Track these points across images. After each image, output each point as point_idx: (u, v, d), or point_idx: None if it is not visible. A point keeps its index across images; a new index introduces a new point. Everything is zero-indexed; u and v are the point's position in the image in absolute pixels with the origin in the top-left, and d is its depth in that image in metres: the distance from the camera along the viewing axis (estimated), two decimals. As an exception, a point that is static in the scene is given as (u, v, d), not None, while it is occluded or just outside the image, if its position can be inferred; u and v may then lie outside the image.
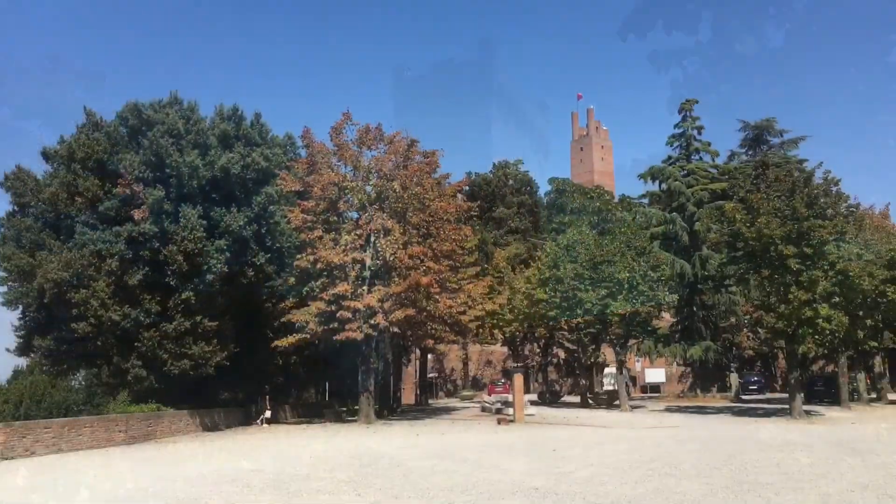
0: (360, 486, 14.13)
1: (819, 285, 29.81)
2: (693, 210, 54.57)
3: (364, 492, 13.55)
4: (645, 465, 16.44)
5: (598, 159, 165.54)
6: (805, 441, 21.30)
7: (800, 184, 32.24)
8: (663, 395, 56.82)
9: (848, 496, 12.04)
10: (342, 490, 13.76)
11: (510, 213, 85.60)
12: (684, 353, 52.58)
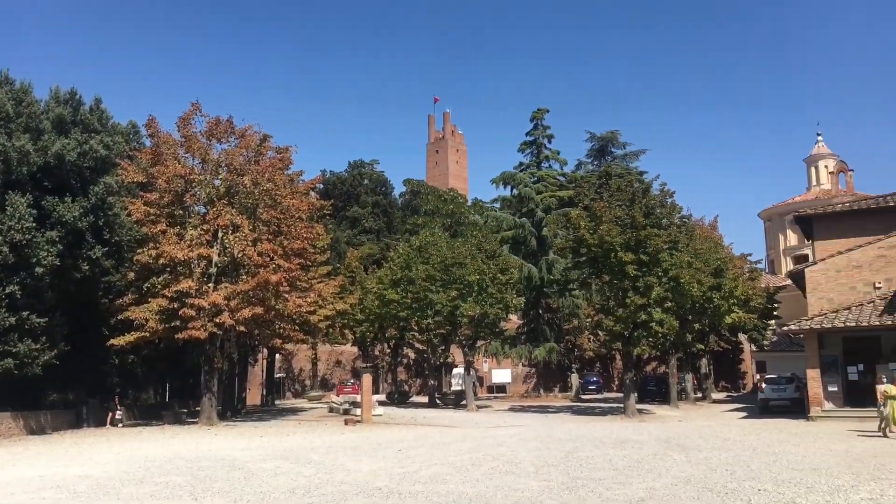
0: (198, 490, 13.59)
1: (654, 291, 31.58)
2: (541, 216, 56.52)
3: (201, 496, 13.04)
4: (487, 463, 16.79)
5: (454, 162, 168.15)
6: (637, 438, 22.47)
7: (639, 194, 34.04)
8: (509, 395, 58.38)
9: (672, 489, 12.78)
10: (178, 494, 13.18)
11: (364, 212, 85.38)
12: (530, 354, 54.34)
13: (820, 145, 73.80)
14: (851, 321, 27.89)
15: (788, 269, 53.87)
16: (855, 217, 34.99)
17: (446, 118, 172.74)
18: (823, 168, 70.91)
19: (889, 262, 29.78)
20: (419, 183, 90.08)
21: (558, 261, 48.57)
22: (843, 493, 12.01)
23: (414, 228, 59.92)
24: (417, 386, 62.68)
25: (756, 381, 46.51)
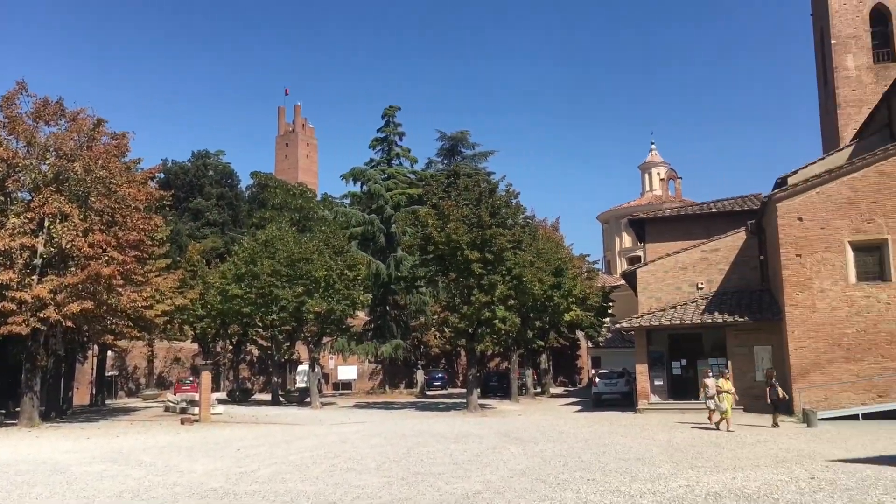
0: (14, 497, 12.62)
1: (497, 289, 32.41)
2: (391, 213, 56.67)
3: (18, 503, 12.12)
4: (329, 460, 16.63)
5: (304, 157, 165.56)
6: (477, 432, 22.99)
7: (486, 194, 34.82)
8: (355, 391, 58.19)
9: (507, 482, 13.15)
10: (-12, 503, 12.18)
11: (209, 205, 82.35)
12: (376, 350, 54.36)
13: (653, 153, 78.39)
14: (676, 319, 29.79)
15: (623, 269, 56.85)
16: (682, 222, 37.47)
17: (297, 111, 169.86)
18: (656, 175, 75.37)
19: (710, 264, 32.04)
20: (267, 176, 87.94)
21: (406, 258, 48.85)
22: (663, 481, 12.79)
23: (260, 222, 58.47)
24: (261, 384, 61.24)
25: (591, 375, 48.77)
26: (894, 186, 25.38)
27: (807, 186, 26.52)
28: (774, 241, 27.46)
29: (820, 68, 47.17)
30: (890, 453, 15.87)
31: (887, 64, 41.17)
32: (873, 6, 42.63)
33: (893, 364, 24.65)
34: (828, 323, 25.56)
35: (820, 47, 46.55)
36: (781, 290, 26.61)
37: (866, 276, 25.69)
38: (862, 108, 40.23)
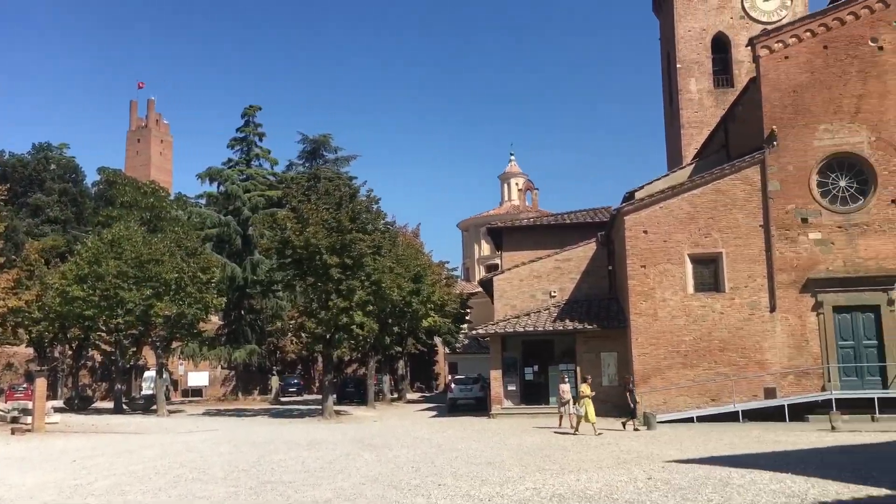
0: None
1: (356, 294, 32.20)
2: (248, 215, 55.18)
3: None
4: (174, 470, 15.93)
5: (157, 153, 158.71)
6: (331, 439, 22.71)
7: (346, 199, 34.56)
8: (205, 398, 56.12)
9: (359, 488, 13.05)
10: None
11: (50, 200, 77.21)
12: (229, 356, 52.70)
13: (512, 164, 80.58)
14: (530, 326, 30.66)
15: (481, 276, 57.98)
16: (537, 232, 38.64)
17: (151, 106, 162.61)
18: (515, 185, 77.50)
19: (563, 273, 33.19)
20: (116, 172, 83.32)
21: (263, 261, 47.73)
22: (511, 484, 13.07)
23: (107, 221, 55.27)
24: (103, 391, 57.93)
25: (447, 381, 49.36)
26: (729, 204, 27.21)
27: (652, 201, 28.00)
28: (622, 253, 28.80)
29: (666, 90, 50.01)
30: (720, 454, 16.95)
31: (726, 89, 44.13)
32: (715, 34, 45.65)
33: (725, 370, 26.40)
34: (668, 331, 27.06)
35: (667, 70, 49.35)
36: (627, 299, 27.95)
37: (703, 287, 27.39)
38: (703, 129, 42.94)
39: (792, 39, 27.34)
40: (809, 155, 26.79)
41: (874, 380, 25.70)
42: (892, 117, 26.37)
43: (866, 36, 26.87)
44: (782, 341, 26.33)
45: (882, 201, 26.24)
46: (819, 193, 26.76)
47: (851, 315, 26.17)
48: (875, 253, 26.05)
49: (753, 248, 26.88)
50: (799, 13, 42.20)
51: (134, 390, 52.51)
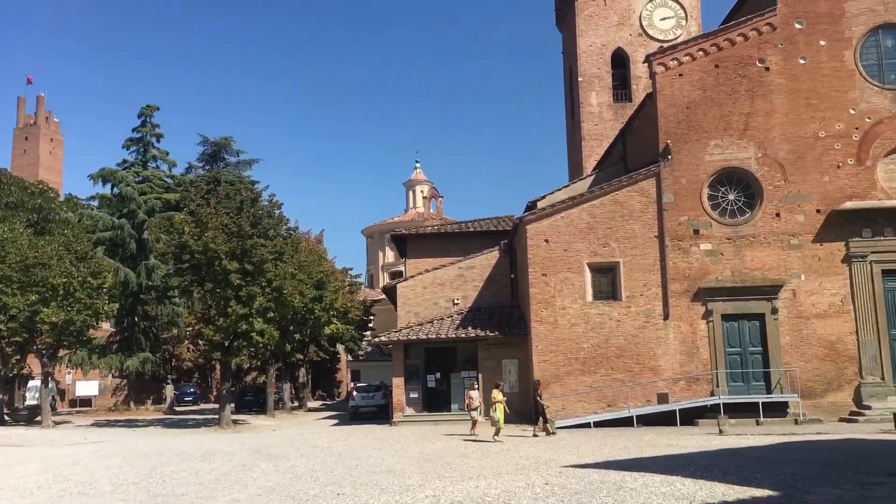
0: None
1: (256, 301, 31.55)
2: (144, 218, 53.27)
3: None
4: (58, 485, 15.14)
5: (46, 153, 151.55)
6: (228, 449, 22.11)
7: (248, 203, 33.87)
8: (95, 408, 53.75)
9: (256, 500, 12.72)
10: None
11: (-73, 199, 72.58)
12: (121, 364, 50.67)
13: (418, 172, 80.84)
14: (433, 333, 30.74)
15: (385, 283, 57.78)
16: (441, 239, 38.84)
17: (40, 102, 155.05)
18: (419, 193, 77.75)
19: (466, 281, 33.44)
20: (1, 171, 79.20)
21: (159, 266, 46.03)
22: (411, 493, 13.01)
23: (-10, 222, 52.39)
24: (-17, 402, 54.68)
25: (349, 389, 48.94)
26: (626, 215, 28.04)
27: (553, 211, 28.56)
28: (524, 261, 29.25)
29: (568, 102, 51.20)
30: (615, 458, 17.37)
31: (624, 104, 45.52)
32: (615, 50, 47.05)
33: (621, 376, 27.14)
34: (567, 338, 27.62)
35: (569, 83, 50.53)
36: (528, 307, 28.37)
37: (601, 296, 28.10)
38: (603, 141, 44.16)
39: (686, 58, 28.44)
40: (701, 169, 27.90)
41: (759, 385, 26.93)
42: (777, 135, 27.76)
43: (754, 57, 28.22)
44: (675, 348, 27.28)
45: (767, 214, 27.57)
46: (710, 206, 27.88)
47: (738, 323, 27.35)
48: (760, 264, 27.33)
49: (649, 257, 27.76)
50: (693, 32, 43.99)
51: (17, 400, 49.76)
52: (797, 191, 27.49)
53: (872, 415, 24.90)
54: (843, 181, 27.39)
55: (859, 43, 27.95)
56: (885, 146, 27.44)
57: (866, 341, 26.54)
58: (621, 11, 47.23)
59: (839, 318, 26.86)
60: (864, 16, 27.98)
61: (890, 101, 27.58)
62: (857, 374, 26.49)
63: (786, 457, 16.78)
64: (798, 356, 26.77)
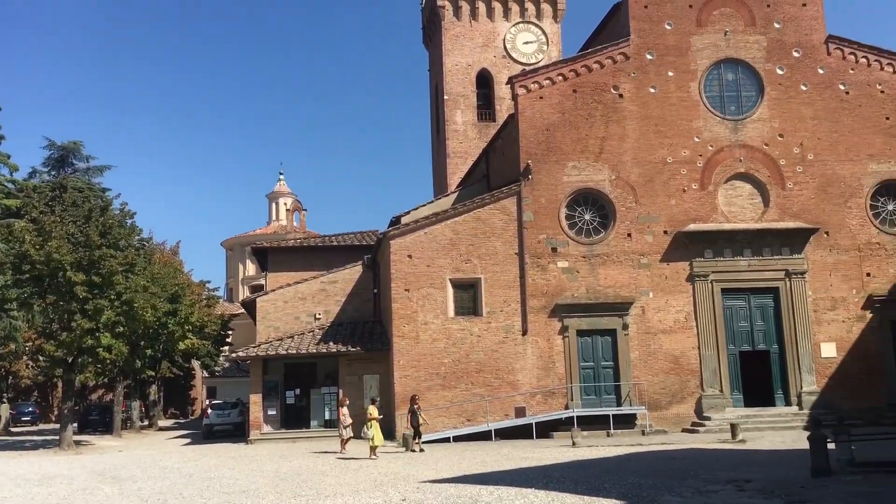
0: None
1: (104, 314, 29.82)
2: (-20, 225, 49.46)
3: None
4: None
5: None
6: (69, 472, 20.74)
7: (97, 211, 32.03)
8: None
9: (94, 527, 11.95)
10: None
11: None
12: (-50, 383, 46.65)
13: (281, 184, 79.37)
14: (293, 348, 30.12)
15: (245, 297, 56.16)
16: (304, 253, 38.30)
17: None
18: (283, 205, 76.28)
19: (329, 295, 33.06)
20: None
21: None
22: (264, 513, 12.61)
23: None
24: None
25: (204, 406, 47.16)
26: (488, 232, 28.58)
27: (417, 226, 28.73)
28: (387, 276, 29.23)
29: (434, 120, 51.86)
30: (472, 472, 17.56)
31: (488, 123, 46.61)
32: (480, 70, 48.11)
33: (480, 390, 27.54)
34: (429, 353, 27.77)
35: (435, 101, 51.21)
36: (391, 322, 28.34)
37: (463, 311, 28.45)
38: (467, 159, 44.97)
39: (546, 81, 29.42)
40: (560, 189, 28.87)
41: (610, 398, 28.02)
42: (629, 159, 29.14)
43: (609, 83, 29.56)
44: (532, 363, 27.98)
45: (620, 234, 28.84)
46: (567, 225, 28.87)
47: (592, 338, 28.41)
48: (613, 281, 28.53)
49: (509, 274, 28.39)
50: (554, 57, 45.66)
51: None
52: (647, 212, 28.94)
53: (712, 425, 26.44)
54: (688, 204, 29.08)
55: (703, 75, 29.85)
56: (725, 173, 29.35)
57: (707, 356, 28.19)
58: (486, 33, 48.41)
59: (683, 334, 28.41)
60: (708, 50, 29.93)
61: (730, 131, 29.57)
62: (699, 387, 28.07)
63: (633, 467, 17.51)
64: (646, 370, 28.09)
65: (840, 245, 28.99)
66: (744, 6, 30.16)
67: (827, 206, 29.19)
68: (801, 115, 29.67)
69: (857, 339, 28.54)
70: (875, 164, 29.54)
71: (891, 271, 28.91)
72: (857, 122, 29.71)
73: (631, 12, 29.91)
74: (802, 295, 28.57)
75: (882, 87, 30.00)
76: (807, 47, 30.07)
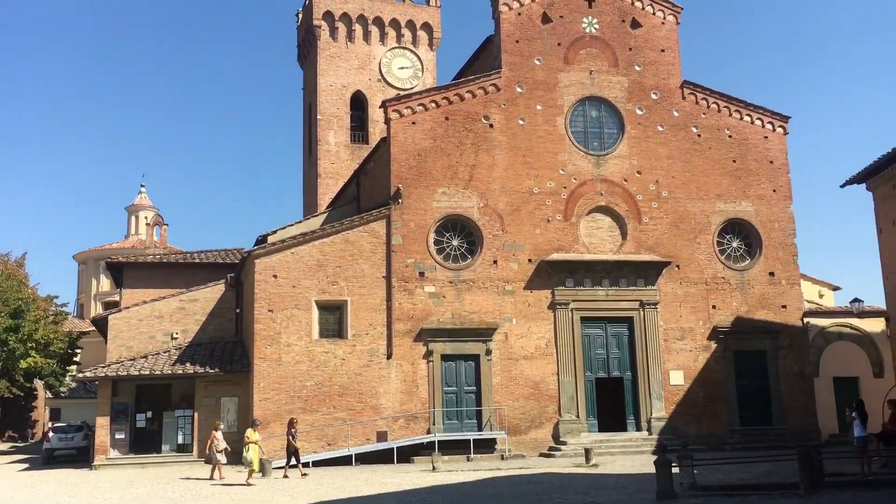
0: None
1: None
2: None
3: None
4: None
5: None
6: None
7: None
8: None
9: None
10: None
11: None
12: None
13: (143, 196, 76.01)
14: (146, 369, 28.72)
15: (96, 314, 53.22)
16: (164, 269, 36.76)
17: None
18: (143, 219, 73.04)
19: (188, 314, 31.83)
20: None
21: None
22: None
23: None
24: None
25: (46, 429, 44.17)
26: (356, 254, 28.41)
27: (284, 246, 28.18)
28: (250, 296, 28.46)
29: (307, 139, 51.35)
30: (330, 498, 17.27)
31: (361, 145, 46.62)
32: (355, 92, 48.12)
33: (342, 414, 27.17)
34: (291, 376, 27.17)
35: (308, 120, 50.75)
36: (252, 343, 27.58)
37: (327, 334, 28.06)
38: (339, 180, 44.72)
39: (419, 107, 29.72)
40: (429, 214, 29.12)
41: (471, 423, 28.31)
42: (498, 187, 29.79)
43: (480, 113, 30.21)
44: (396, 387, 27.90)
45: (486, 261, 29.35)
46: (435, 250, 29.12)
47: (456, 363, 28.66)
48: (478, 307, 28.96)
49: (376, 297, 28.29)
50: (428, 84, 46.35)
51: None
52: (513, 240, 29.63)
53: (567, 450, 27.19)
54: (551, 234, 30.00)
55: (569, 111, 31.02)
56: (587, 205, 30.52)
57: (565, 382, 29.03)
58: (362, 56, 48.57)
59: (544, 360, 29.15)
60: (574, 87, 31.16)
61: (592, 165, 30.81)
62: (557, 413, 28.82)
63: (490, 491, 17.73)
64: (507, 395, 28.59)
65: (689, 278, 30.68)
66: (608, 48, 31.66)
67: (679, 241, 30.86)
68: (658, 154, 31.33)
69: (703, 367, 30.19)
70: (722, 203, 31.53)
71: (734, 304, 30.82)
72: (707, 164, 31.68)
73: (503, 46, 30.77)
74: (654, 324, 29.99)
75: (730, 132, 32.14)
76: (664, 90, 31.87)
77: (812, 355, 30.81)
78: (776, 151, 32.40)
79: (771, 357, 30.57)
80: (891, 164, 25.73)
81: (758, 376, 30.42)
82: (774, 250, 31.50)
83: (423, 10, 50.99)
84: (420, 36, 50.23)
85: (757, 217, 31.57)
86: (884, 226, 27.13)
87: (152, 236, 68.39)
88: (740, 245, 31.63)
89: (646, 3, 32.28)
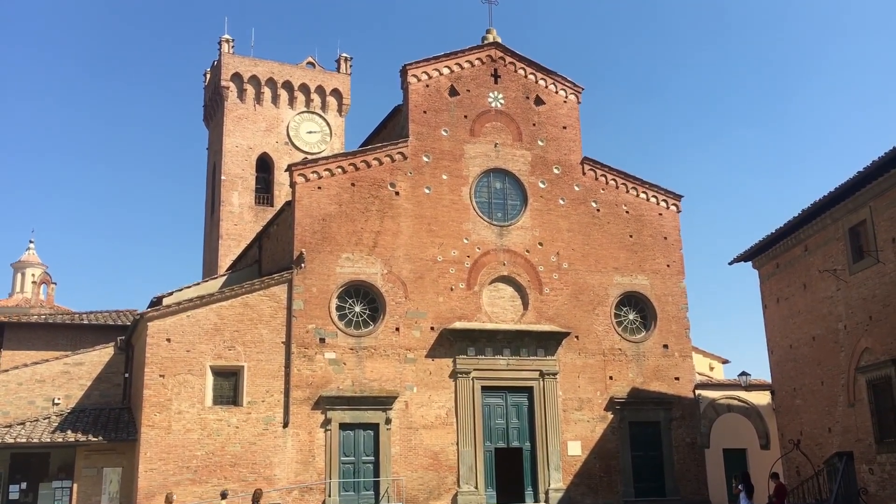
0: None
1: None
2: None
3: None
4: None
5: None
6: None
7: None
8: None
9: None
10: None
11: None
12: None
13: (31, 253, 72.48)
14: (22, 437, 26.95)
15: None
16: (49, 330, 35.03)
17: None
18: (30, 276, 69.51)
19: (72, 378, 30.21)
20: None
21: None
22: None
23: None
24: None
25: None
26: (256, 318, 27.74)
27: (179, 309, 27.26)
28: (141, 360, 27.30)
29: (209, 199, 50.40)
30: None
31: (265, 207, 46.13)
32: (261, 154, 47.80)
33: (234, 486, 25.99)
34: (180, 445, 25.98)
35: (211, 180, 49.92)
36: (141, 410, 26.32)
37: (222, 400, 27.06)
38: (241, 242, 43.94)
39: (325, 172, 29.67)
40: (332, 280, 28.83)
41: (368, 494, 27.62)
42: (402, 255, 29.84)
43: (387, 180, 30.40)
44: (291, 457, 27.03)
45: (388, 328, 29.15)
46: (337, 316, 28.75)
47: (355, 432, 28.05)
48: (379, 375, 28.60)
49: (275, 363, 27.58)
50: (337, 149, 46.60)
51: None
52: (416, 308, 29.57)
53: (466, 522, 26.81)
54: (454, 303, 30.12)
55: (474, 182, 31.59)
56: (489, 274, 30.88)
57: (465, 452, 28.79)
58: (270, 119, 48.49)
59: (444, 430, 28.88)
60: (480, 159, 31.83)
61: (496, 236, 31.32)
62: (456, 483, 28.48)
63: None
64: (406, 465, 28.10)
65: (588, 349, 31.25)
66: (513, 122, 32.61)
67: (578, 312, 31.49)
68: (559, 226, 32.16)
69: (600, 438, 30.55)
70: (619, 276, 32.47)
71: (630, 375, 31.50)
72: (606, 237, 32.69)
73: (411, 115, 31.26)
74: (554, 395, 30.27)
75: (627, 208, 33.35)
76: (566, 165, 32.93)
77: (703, 427, 31.64)
78: (670, 228, 33.76)
79: (664, 428, 31.23)
80: (774, 244, 27.29)
81: (652, 447, 30.97)
82: (668, 323, 32.53)
83: (334, 77, 51.50)
84: (329, 101, 50.59)
85: (652, 290, 32.62)
86: (768, 302, 28.54)
87: (38, 295, 64.94)
88: (636, 317, 32.53)
89: (549, 81, 33.53)
